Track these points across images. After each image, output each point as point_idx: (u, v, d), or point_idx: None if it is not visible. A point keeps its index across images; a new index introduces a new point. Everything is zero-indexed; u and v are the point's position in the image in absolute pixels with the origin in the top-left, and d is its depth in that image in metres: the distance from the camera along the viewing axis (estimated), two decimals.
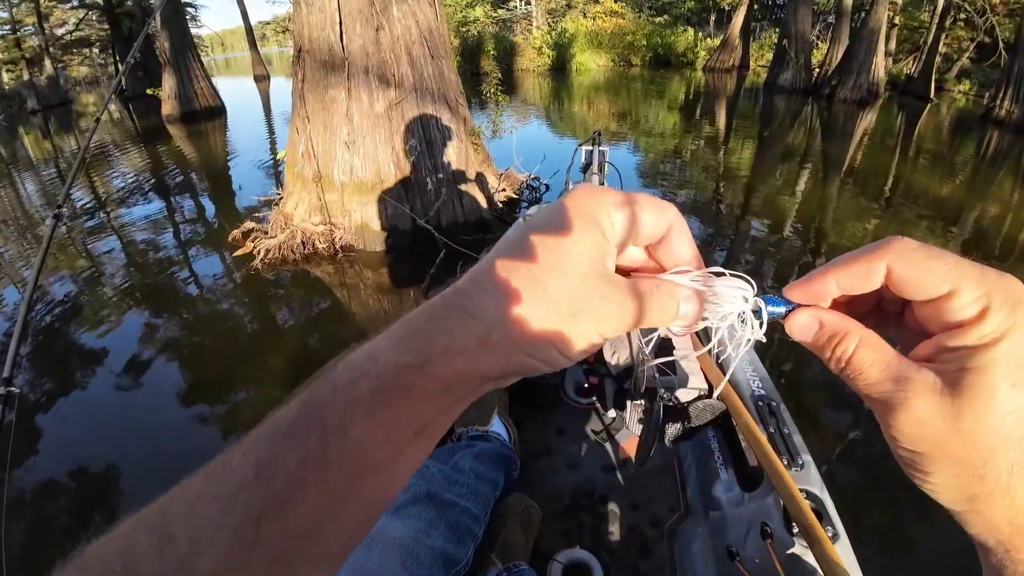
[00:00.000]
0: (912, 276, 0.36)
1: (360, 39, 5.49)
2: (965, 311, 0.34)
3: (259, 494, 0.32)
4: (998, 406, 0.33)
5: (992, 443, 0.34)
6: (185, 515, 0.33)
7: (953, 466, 0.35)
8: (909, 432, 0.36)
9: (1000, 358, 0.33)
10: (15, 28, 27.11)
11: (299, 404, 0.36)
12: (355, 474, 0.35)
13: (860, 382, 0.38)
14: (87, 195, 9.15)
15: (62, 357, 4.57)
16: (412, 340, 0.36)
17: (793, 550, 1.25)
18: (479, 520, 1.39)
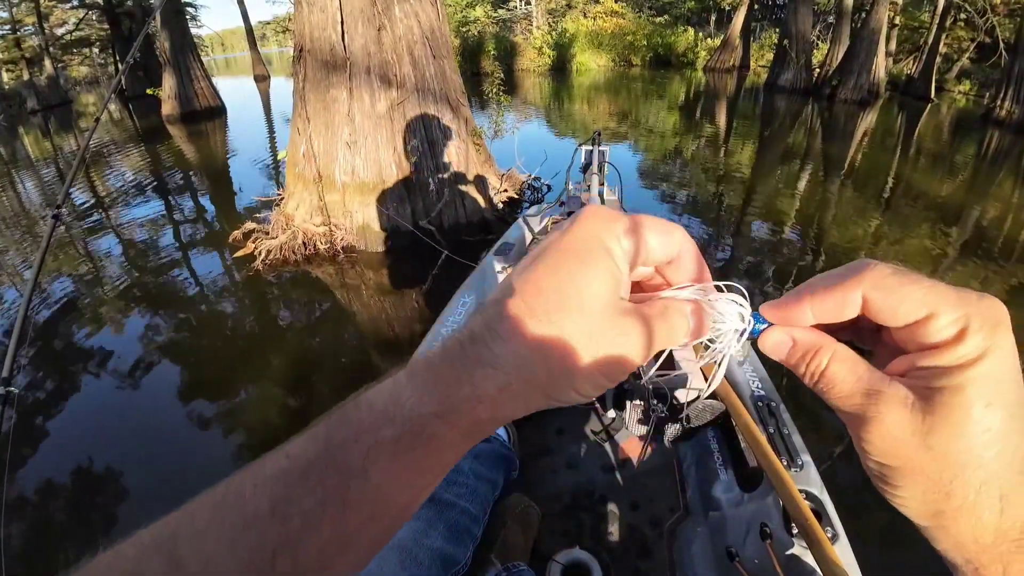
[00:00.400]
0: (888, 304, 0.36)
1: (362, 39, 5.46)
2: (943, 333, 0.34)
3: (274, 530, 0.33)
4: (971, 426, 0.34)
5: (962, 461, 0.34)
6: (195, 543, 0.33)
7: (921, 481, 0.36)
8: (879, 445, 0.36)
9: (976, 378, 0.33)
10: (15, 28, 27.12)
11: (317, 444, 0.36)
12: (372, 515, 0.36)
13: (833, 395, 0.38)
14: (87, 195, 9.15)
15: (62, 358, 4.57)
16: (435, 389, 0.36)
17: (792, 550, 1.25)
18: (478, 520, 1.39)
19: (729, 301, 0.41)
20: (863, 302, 0.37)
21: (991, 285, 5.12)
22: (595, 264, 0.37)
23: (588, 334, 0.36)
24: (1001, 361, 0.34)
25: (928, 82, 18.28)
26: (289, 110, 6.56)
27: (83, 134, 17.58)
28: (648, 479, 1.77)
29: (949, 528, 0.37)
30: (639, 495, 1.72)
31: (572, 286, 0.36)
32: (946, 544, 0.38)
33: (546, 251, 0.38)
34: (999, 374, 0.34)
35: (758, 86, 21.93)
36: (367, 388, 0.39)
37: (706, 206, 7.66)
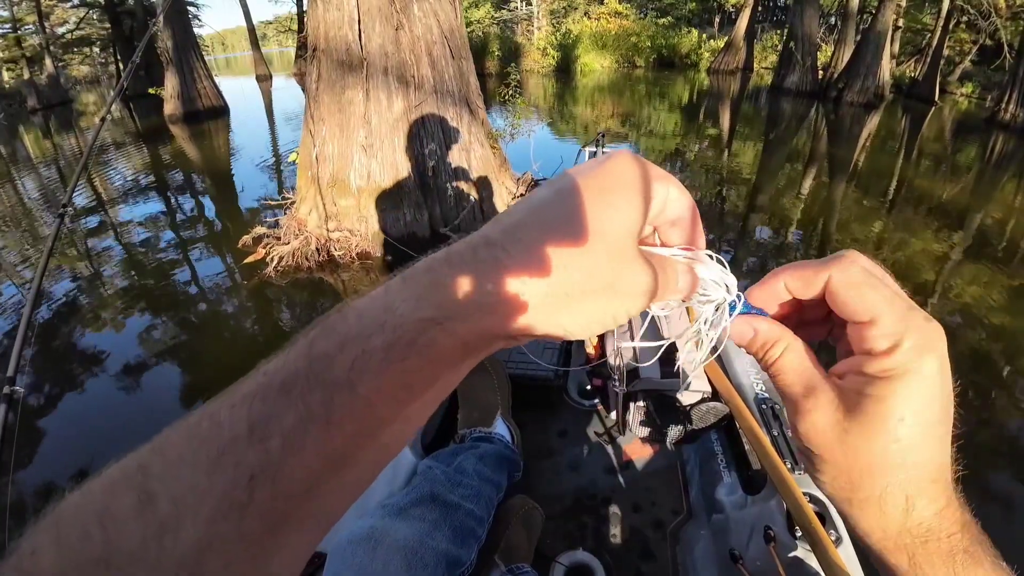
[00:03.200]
0: (843, 295, 0.40)
1: (379, 38, 5.31)
2: (877, 342, 0.38)
3: (252, 454, 0.30)
4: (883, 435, 0.38)
5: (870, 463, 0.39)
6: (167, 476, 0.30)
7: (835, 470, 0.41)
8: (804, 432, 0.41)
9: (896, 393, 0.37)
10: (15, 27, 27.16)
11: (298, 356, 0.33)
12: (359, 432, 0.33)
13: (778, 381, 0.43)
14: (91, 196, 9.13)
15: (65, 359, 4.57)
16: (435, 293, 0.33)
17: (796, 553, 1.25)
18: (482, 522, 1.39)
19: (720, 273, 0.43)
20: (826, 286, 0.41)
21: (993, 288, 5.12)
22: (627, 200, 0.36)
23: (610, 265, 0.35)
24: (922, 383, 0.37)
25: (932, 85, 18.32)
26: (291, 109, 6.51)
27: (84, 133, 17.60)
28: (651, 481, 1.77)
29: (857, 516, 0.42)
30: (642, 497, 1.73)
31: (603, 214, 0.35)
32: (857, 530, 0.43)
33: (580, 179, 0.37)
34: (919, 394, 0.37)
35: (762, 88, 21.97)
36: (354, 298, 0.36)
37: (709, 208, 7.65)
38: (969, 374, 3.90)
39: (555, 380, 1.98)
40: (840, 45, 19.55)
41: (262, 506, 0.30)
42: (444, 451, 1.57)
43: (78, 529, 0.29)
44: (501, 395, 1.78)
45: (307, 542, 0.35)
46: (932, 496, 0.40)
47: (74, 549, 0.28)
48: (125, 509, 0.29)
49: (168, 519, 0.28)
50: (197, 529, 0.28)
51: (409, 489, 1.36)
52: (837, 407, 0.39)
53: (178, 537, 0.28)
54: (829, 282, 0.40)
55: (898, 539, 0.41)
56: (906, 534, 0.40)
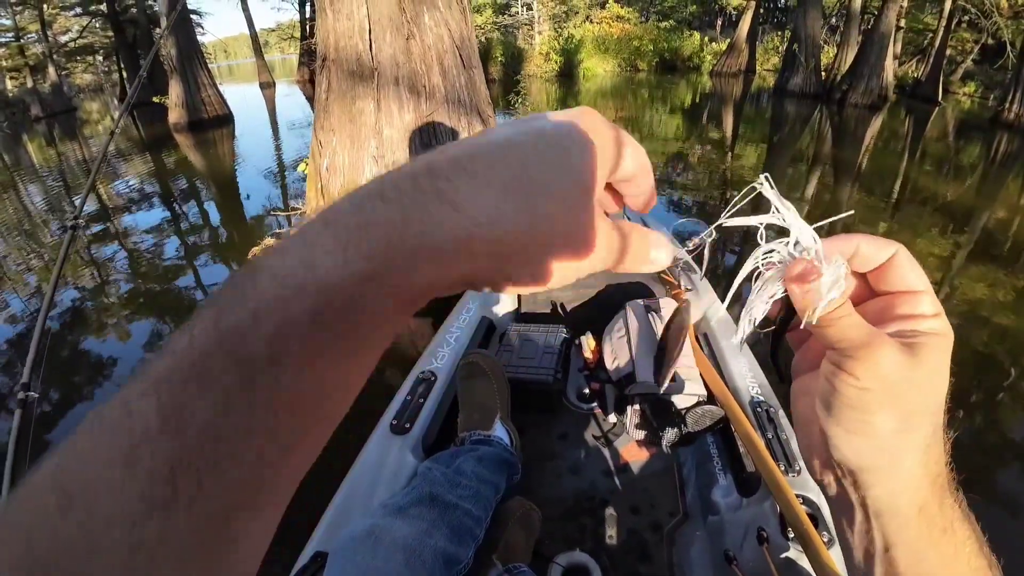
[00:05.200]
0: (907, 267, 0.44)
1: (390, 48, 5.23)
2: (928, 306, 0.43)
3: (167, 447, 0.25)
4: (940, 377, 0.42)
5: (929, 402, 0.42)
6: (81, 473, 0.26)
7: (896, 408, 0.41)
8: (871, 371, 0.41)
9: (941, 347, 0.42)
10: (18, 35, 27.23)
11: (205, 332, 0.27)
12: (290, 413, 0.28)
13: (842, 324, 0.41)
14: (99, 207, 9.10)
15: (76, 366, 4.59)
16: (366, 239, 0.28)
17: (788, 554, 1.27)
18: (481, 522, 1.40)
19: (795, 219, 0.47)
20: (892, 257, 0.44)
21: (999, 288, 5.10)
22: (589, 150, 0.33)
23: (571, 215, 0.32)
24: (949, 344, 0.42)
25: (936, 85, 18.28)
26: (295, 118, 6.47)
27: (88, 141, 17.61)
28: (648, 483, 1.79)
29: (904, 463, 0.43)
30: (639, 499, 1.74)
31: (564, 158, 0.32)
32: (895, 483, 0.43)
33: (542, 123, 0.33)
34: (947, 357, 0.42)
35: (765, 90, 21.87)
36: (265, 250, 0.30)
37: (714, 211, 7.63)
38: (975, 375, 3.90)
39: (554, 384, 2.00)
40: (843, 46, 19.46)
41: (191, 500, 0.26)
42: (444, 453, 1.59)
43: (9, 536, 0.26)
44: (500, 399, 1.80)
45: (260, 527, 0.30)
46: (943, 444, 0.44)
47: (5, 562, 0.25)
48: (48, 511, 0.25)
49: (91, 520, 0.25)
50: (122, 528, 0.25)
51: (409, 489, 1.38)
52: (902, 348, 0.41)
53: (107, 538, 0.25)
54: (896, 255, 0.44)
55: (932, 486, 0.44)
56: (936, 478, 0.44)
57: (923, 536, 0.44)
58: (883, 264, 0.45)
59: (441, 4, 5.36)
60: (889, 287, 0.45)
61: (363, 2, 5.10)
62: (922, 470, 0.43)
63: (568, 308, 2.45)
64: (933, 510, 0.44)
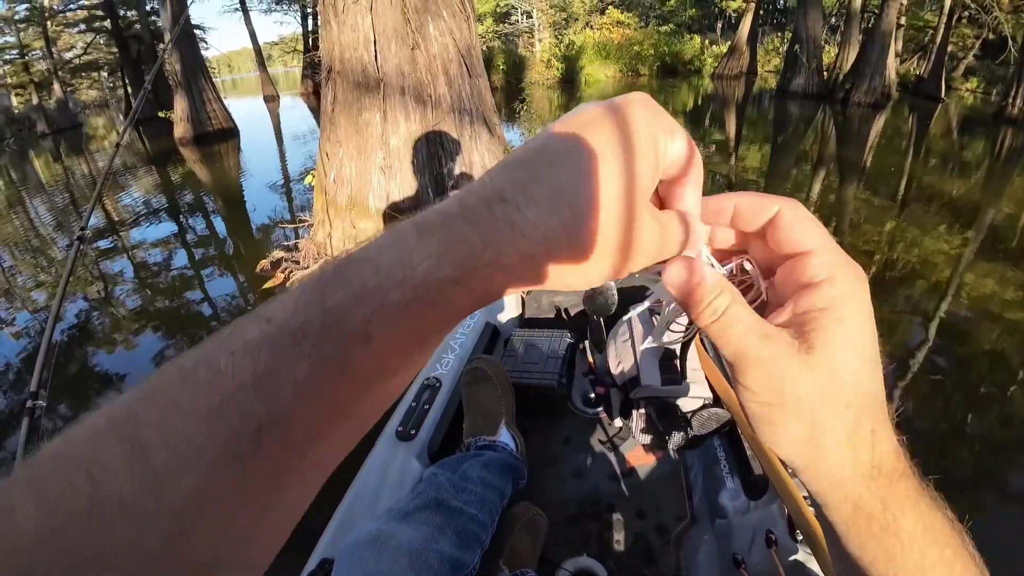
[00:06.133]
0: (790, 225, 0.41)
1: (395, 59, 5.20)
2: (818, 270, 0.39)
3: (260, 403, 0.29)
4: (841, 365, 0.38)
5: (837, 395, 0.38)
6: (161, 425, 0.28)
7: (802, 417, 0.39)
8: (766, 382, 0.39)
9: (846, 320, 0.38)
10: (23, 52, 27.45)
11: (308, 306, 0.31)
12: (369, 384, 0.33)
13: (730, 334, 0.39)
14: (106, 221, 9.18)
15: (84, 377, 4.62)
16: (454, 252, 0.33)
17: (797, 557, 1.26)
18: (486, 527, 1.40)
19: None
20: (776, 215, 0.42)
21: (1008, 284, 5.09)
22: (642, 152, 0.35)
23: (622, 226, 0.35)
24: (862, 311, 0.39)
25: (938, 82, 18.26)
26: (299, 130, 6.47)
27: (94, 156, 17.70)
28: (654, 487, 1.78)
29: (824, 463, 0.40)
30: (646, 503, 1.73)
31: (617, 165, 0.35)
32: (822, 483, 0.41)
33: (591, 124, 0.36)
34: (860, 322, 0.39)
35: (767, 91, 21.89)
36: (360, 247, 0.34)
37: None
38: (986, 373, 3.89)
39: (559, 389, 1.99)
40: (844, 46, 19.43)
41: (268, 456, 0.29)
42: (449, 459, 1.58)
43: (61, 481, 0.27)
44: (505, 404, 1.80)
45: (306, 492, 0.35)
46: (888, 430, 0.41)
47: (58, 503, 0.26)
48: (115, 459, 0.27)
49: (164, 469, 0.27)
50: (195, 479, 0.27)
51: (414, 495, 1.38)
52: (796, 346, 0.38)
53: (176, 487, 0.27)
54: (779, 214, 0.42)
55: (870, 481, 0.40)
56: (877, 473, 0.40)
57: (863, 531, 0.41)
58: (770, 224, 0.42)
59: (446, 13, 5.34)
60: (782, 249, 0.42)
61: (368, 13, 5.09)
62: (850, 468, 0.40)
63: (572, 313, 2.44)
64: (872, 507, 0.40)
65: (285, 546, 0.34)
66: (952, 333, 4.42)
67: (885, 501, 0.40)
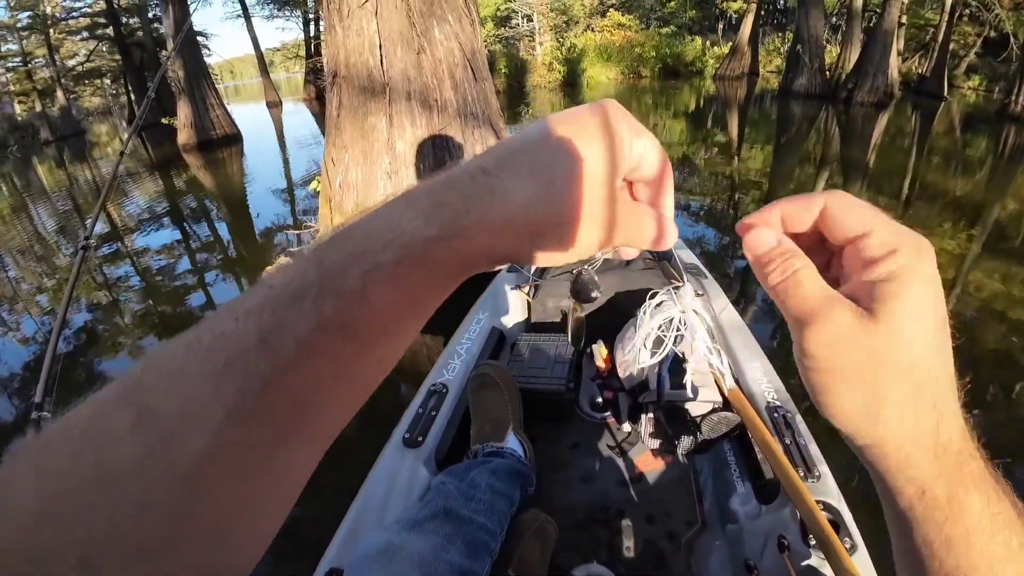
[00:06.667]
0: (839, 214, 0.42)
1: (401, 63, 5.18)
2: (876, 249, 0.40)
3: (264, 361, 0.30)
4: (904, 334, 0.39)
5: (897, 363, 0.39)
6: (168, 389, 0.30)
7: (861, 383, 0.40)
8: (826, 344, 0.40)
9: (906, 292, 0.39)
10: (26, 60, 27.54)
11: (306, 269, 0.34)
12: (366, 342, 0.34)
13: (797, 294, 0.41)
14: (111, 228, 9.14)
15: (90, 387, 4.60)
16: (440, 213, 0.36)
17: (810, 561, 1.24)
18: (496, 536, 1.39)
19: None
20: (822, 211, 0.43)
21: (1015, 282, 5.06)
22: (613, 144, 0.39)
23: (593, 196, 0.39)
24: (926, 283, 0.39)
25: (941, 80, 18.22)
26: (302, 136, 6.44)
27: (98, 163, 17.73)
28: (664, 492, 1.76)
29: (887, 437, 0.41)
30: (655, 509, 1.72)
31: (588, 152, 0.39)
32: (888, 462, 0.42)
33: (570, 120, 0.40)
34: (926, 294, 0.39)
35: (769, 92, 21.87)
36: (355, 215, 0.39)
37: (722, 215, 7.61)
38: (993, 371, 3.86)
39: (566, 393, 1.98)
40: (846, 45, 19.41)
41: (273, 413, 0.31)
42: (457, 467, 1.57)
43: (65, 453, 0.28)
44: (512, 409, 1.79)
45: (310, 456, 0.36)
46: (954, 408, 0.41)
47: (61, 474, 0.27)
48: (120, 425, 0.28)
49: (171, 431, 0.28)
50: (203, 439, 0.29)
51: (423, 504, 1.37)
52: (858, 312, 0.39)
53: (183, 448, 0.28)
54: (825, 207, 0.43)
55: (935, 459, 0.40)
56: (941, 452, 0.40)
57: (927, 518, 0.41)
58: (821, 220, 0.44)
59: (451, 17, 5.33)
60: (840, 239, 0.43)
61: (373, 17, 5.07)
62: (912, 444, 0.40)
63: None
64: (937, 489, 0.40)
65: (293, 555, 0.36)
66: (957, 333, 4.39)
67: (951, 484, 0.40)
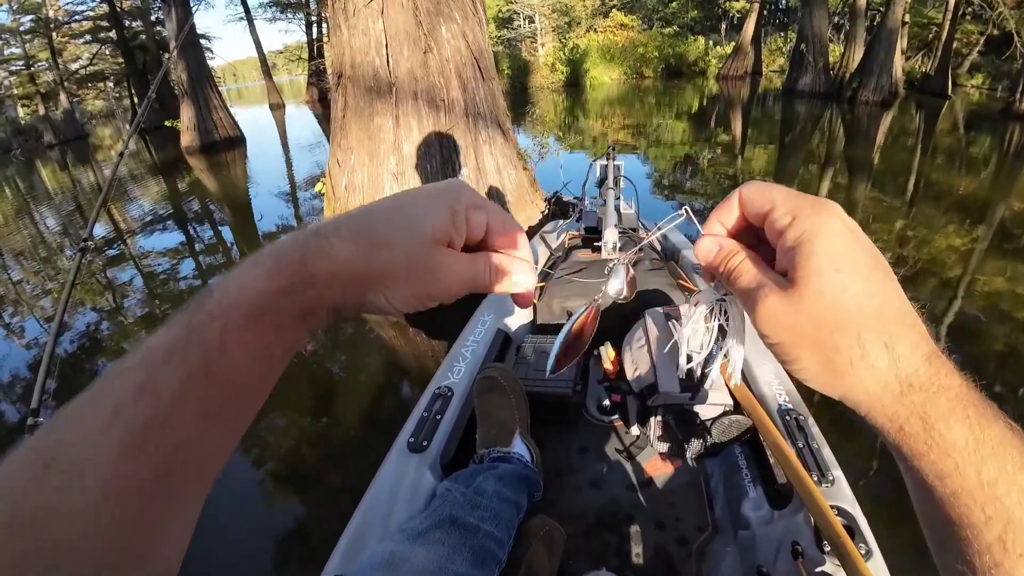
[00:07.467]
0: (750, 198, 0.48)
1: (407, 63, 5.16)
2: (781, 220, 0.45)
3: (145, 408, 0.36)
4: (827, 287, 0.42)
5: (833, 318, 0.42)
6: (67, 435, 0.35)
7: (809, 346, 0.44)
8: (768, 322, 0.45)
9: (816, 250, 0.42)
10: (29, 63, 27.61)
11: (175, 329, 0.39)
12: (230, 384, 0.40)
13: (739, 284, 0.49)
14: (113, 230, 9.16)
15: None
16: (280, 270, 0.42)
17: (824, 568, 1.22)
18: (503, 544, 1.37)
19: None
20: (739, 201, 0.49)
21: (1020, 282, 5.03)
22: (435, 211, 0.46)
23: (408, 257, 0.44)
24: (834, 236, 0.43)
25: (945, 78, 18.21)
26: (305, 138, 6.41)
27: (101, 166, 17.76)
28: (674, 497, 1.74)
29: (851, 387, 0.44)
30: (665, 514, 1.69)
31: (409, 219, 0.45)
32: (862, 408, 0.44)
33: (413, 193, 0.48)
34: (837, 246, 0.42)
35: (772, 92, 21.87)
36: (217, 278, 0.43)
37: None
38: (999, 371, 3.83)
39: (573, 396, 1.95)
40: (850, 44, 19.39)
41: (156, 452, 0.36)
42: (463, 472, 1.55)
43: None
44: (519, 413, 1.76)
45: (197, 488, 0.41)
46: (910, 341, 0.42)
47: None
48: (28, 473, 0.34)
49: (70, 473, 0.33)
50: (100, 476, 0.34)
51: (428, 512, 1.35)
52: (780, 285, 0.44)
53: (82, 487, 0.33)
54: (740, 196, 0.49)
55: (901, 397, 0.42)
56: (907, 388, 0.42)
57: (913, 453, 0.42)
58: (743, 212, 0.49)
59: (458, 16, 5.29)
60: (757, 221, 0.48)
61: (379, 17, 5.04)
62: (875, 385, 0.43)
63: None
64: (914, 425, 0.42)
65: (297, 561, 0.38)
66: (963, 333, 4.36)
67: (926, 417, 0.41)
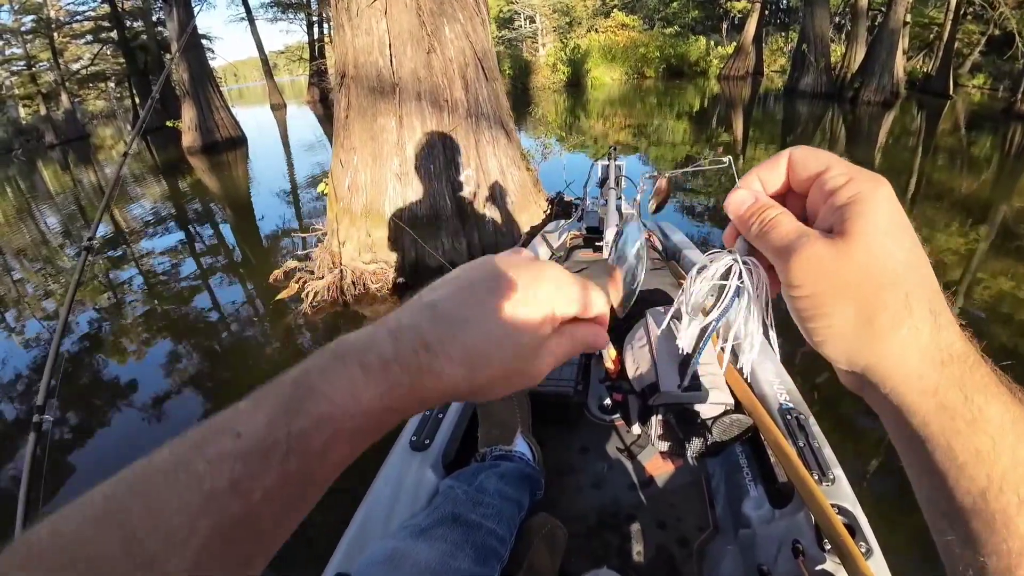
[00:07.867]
0: (802, 159, 0.47)
1: (411, 63, 5.09)
2: (836, 179, 0.44)
3: (236, 505, 0.35)
4: (882, 240, 0.40)
5: (881, 273, 0.40)
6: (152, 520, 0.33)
7: (851, 299, 0.41)
8: (808, 268, 0.43)
9: (869, 209, 0.41)
10: (30, 64, 27.62)
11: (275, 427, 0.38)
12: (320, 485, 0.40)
13: (774, 234, 0.46)
14: (115, 230, 9.19)
15: (93, 390, 4.59)
16: (392, 390, 0.42)
17: (825, 567, 1.22)
18: (505, 542, 1.37)
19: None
20: (788, 164, 0.49)
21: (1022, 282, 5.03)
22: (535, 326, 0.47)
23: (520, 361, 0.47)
24: (885, 203, 0.41)
25: (946, 79, 18.22)
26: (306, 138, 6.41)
27: (101, 166, 17.77)
28: (675, 497, 1.74)
29: (889, 351, 0.41)
30: (666, 513, 1.69)
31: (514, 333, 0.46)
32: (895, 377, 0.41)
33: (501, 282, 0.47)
34: (888, 212, 0.41)
35: (773, 92, 21.86)
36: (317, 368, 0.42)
37: (724, 217, 7.55)
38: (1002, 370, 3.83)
39: (574, 396, 1.96)
40: (851, 44, 19.43)
41: (240, 548, 0.36)
42: (465, 471, 1.55)
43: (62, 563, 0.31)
44: (521, 412, 1.77)
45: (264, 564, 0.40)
46: (951, 318, 0.41)
47: None
48: (112, 546, 0.32)
49: (156, 556, 0.32)
50: (183, 564, 0.33)
51: (430, 510, 1.35)
52: (830, 237, 0.42)
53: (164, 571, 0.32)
54: (790, 158, 0.49)
55: (942, 367, 0.40)
56: (947, 359, 0.40)
57: (948, 429, 0.39)
58: (789, 172, 0.49)
59: (461, 16, 5.28)
60: (803, 185, 0.48)
61: (382, 16, 5.01)
62: (915, 354, 0.40)
63: None
64: (953, 398, 0.39)
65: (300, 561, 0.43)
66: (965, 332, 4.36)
67: (965, 390, 0.39)
